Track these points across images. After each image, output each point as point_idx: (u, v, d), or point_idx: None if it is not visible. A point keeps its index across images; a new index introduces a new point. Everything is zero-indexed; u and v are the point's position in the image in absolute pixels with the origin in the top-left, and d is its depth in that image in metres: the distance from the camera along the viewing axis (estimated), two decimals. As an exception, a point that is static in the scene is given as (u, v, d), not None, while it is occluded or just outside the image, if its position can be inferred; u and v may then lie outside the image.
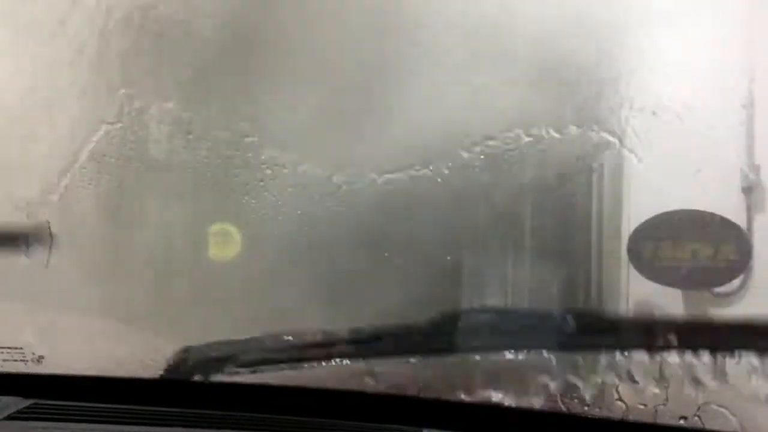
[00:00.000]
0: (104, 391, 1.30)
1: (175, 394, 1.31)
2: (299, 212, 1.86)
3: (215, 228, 1.68)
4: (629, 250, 2.17)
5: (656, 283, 2.11)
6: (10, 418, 1.19)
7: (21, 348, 1.36)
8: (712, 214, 2.00)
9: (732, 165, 2.05)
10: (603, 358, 1.29)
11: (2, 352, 1.35)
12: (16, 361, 1.35)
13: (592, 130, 1.93)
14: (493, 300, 2.16)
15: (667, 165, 1.94)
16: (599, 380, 1.30)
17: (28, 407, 1.23)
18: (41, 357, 1.36)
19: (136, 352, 1.40)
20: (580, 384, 1.29)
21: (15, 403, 1.23)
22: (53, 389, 1.30)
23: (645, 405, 1.24)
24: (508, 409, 1.24)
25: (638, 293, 2.16)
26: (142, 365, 1.34)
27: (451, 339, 1.27)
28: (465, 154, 1.89)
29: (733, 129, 1.96)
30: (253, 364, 1.31)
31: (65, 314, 1.56)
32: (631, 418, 1.22)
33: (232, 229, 1.72)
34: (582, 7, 1.97)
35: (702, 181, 1.92)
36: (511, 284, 3.12)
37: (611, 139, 1.91)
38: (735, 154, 2.04)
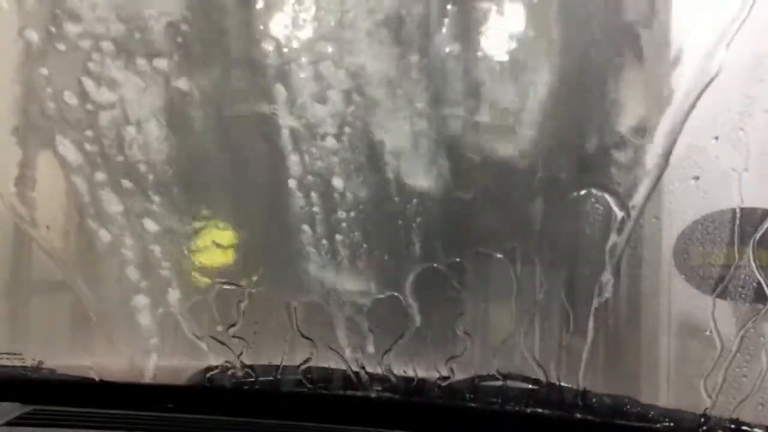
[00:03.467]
0: (104, 396, 1.33)
1: (175, 400, 1.33)
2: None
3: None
4: (675, 257, 1.97)
5: (706, 294, 1.94)
6: (9, 424, 1.22)
7: (20, 354, 1.39)
8: (773, 214, 1.86)
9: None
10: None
11: (2, 358, 1.38)
12: (15, 366, 1.38)
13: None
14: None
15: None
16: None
17: (28, 413, 1.26)
18: (41, 362, 1.39)
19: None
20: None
21: (15, 408, 1.27)
22: (53, 395, 1.33)
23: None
24: (507, 413, 1.26)
25: (682, 305, 2.04)
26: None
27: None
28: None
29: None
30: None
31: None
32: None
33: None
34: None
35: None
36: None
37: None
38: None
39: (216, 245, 1.48)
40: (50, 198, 1.59)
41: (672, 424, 1.24)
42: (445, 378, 1.34)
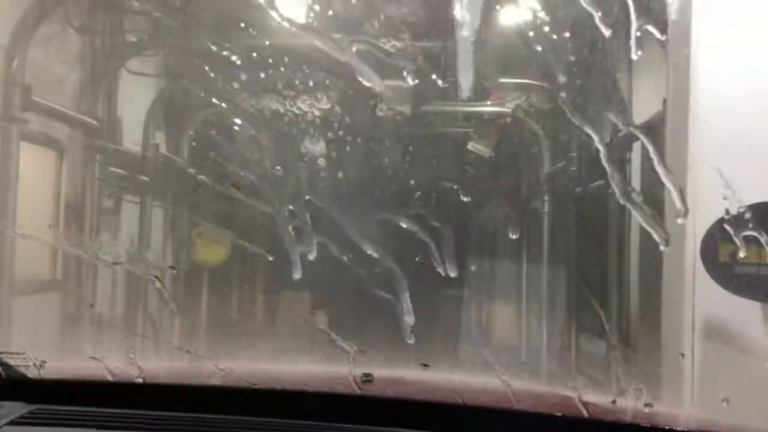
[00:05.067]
0: (106, 396, 1.35)
1: (178, 399, 1.35)
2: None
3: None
4: (702, 254, 1.86)
5: (735, 294, 1.84)
6: (12, 423, 1.24)
7: (23, 353, 1.41)
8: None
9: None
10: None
11: (5, 358, 1.41)
12: (18, 366, 1.40)
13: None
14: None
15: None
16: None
17: (30, 412, 1.28)
18: (43, 362, 1.42)
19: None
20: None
21: (18, 408, 1.29)
22: (56, 394, 1.35)
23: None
24: (508, 413, 1.26)
25: (708, 306, 1.95)
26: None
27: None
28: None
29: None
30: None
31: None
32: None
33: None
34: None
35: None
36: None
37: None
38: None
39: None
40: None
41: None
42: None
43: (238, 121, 2.74)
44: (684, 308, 2.01)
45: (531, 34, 2.11)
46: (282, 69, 2.56)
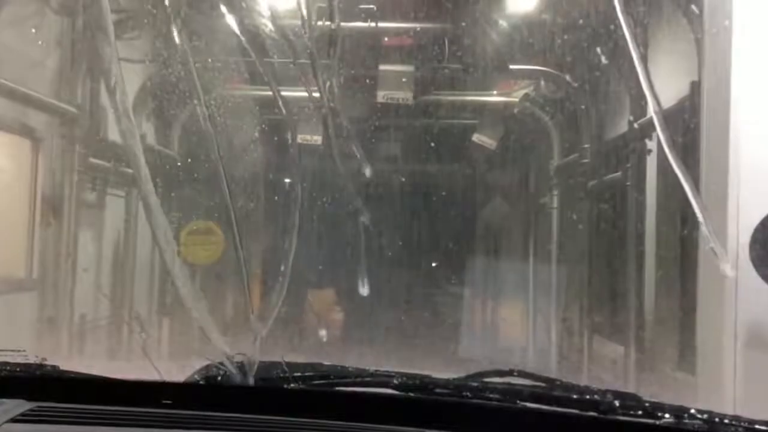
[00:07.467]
0: (107, 393, 1.37)
1: (178, 397, 1.36)
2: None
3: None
4: (751, 251, 1.72)
5: None
6: (13, 420, 1.27)
7: (24, 350, 1.44)
8: None
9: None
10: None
11: (5, 355, 1.44)
12: (19, 363, 1.44)
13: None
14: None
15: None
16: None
17: (31, 410, 1.30)
18: (44, 359, 1.45)
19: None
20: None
21: (18, 405, 1.31)
22: (57, 392, 1.38)
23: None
24: (513, 410, 1.24)
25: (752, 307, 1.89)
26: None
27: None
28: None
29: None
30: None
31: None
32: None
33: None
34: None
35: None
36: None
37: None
38: None
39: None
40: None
41: (675, 421, 1.18)
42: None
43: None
44: (724, 312, 1.93)
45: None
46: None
